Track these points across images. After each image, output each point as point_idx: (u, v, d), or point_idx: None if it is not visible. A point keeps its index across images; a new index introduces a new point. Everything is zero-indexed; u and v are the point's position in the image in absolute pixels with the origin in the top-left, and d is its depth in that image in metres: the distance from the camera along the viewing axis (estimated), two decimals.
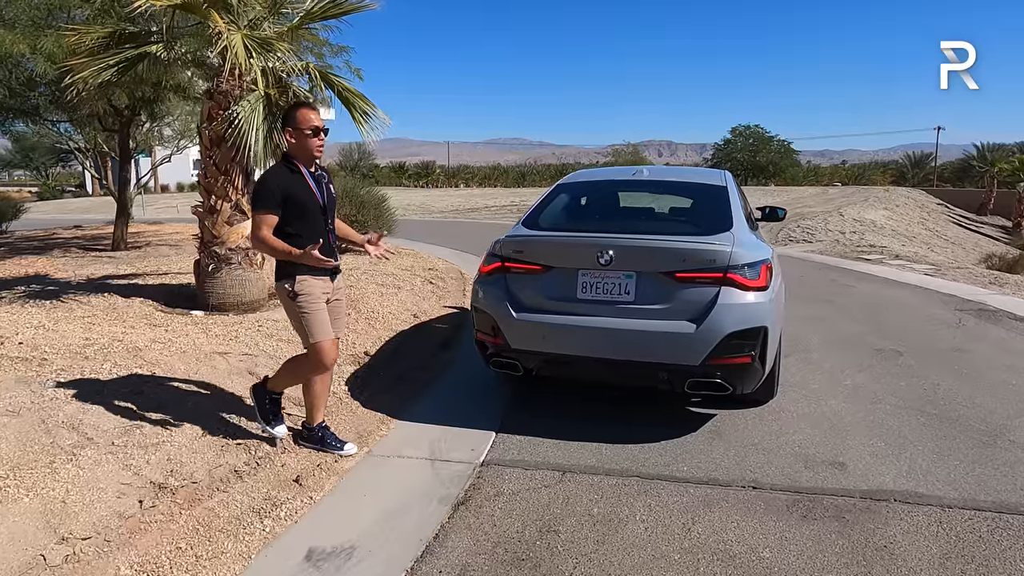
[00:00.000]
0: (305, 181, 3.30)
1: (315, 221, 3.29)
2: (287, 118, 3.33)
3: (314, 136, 3.27)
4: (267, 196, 3.21)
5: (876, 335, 6.02)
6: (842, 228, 15.64)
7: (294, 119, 3.28)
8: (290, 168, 3.30)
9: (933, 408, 4.20)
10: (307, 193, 3.29)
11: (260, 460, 3.36)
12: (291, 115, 3.31)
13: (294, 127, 3.26)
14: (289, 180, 3.26)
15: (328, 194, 3.41)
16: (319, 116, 3.37)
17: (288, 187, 3.23)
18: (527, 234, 3.98)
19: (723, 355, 3.48)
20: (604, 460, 3.49)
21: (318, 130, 3.28)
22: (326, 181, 3.42)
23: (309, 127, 3.25)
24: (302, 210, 3.26)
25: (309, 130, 3.25)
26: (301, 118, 3.26)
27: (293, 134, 3.27)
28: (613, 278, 3.66)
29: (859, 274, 9.56)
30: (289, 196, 3.21)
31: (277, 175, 3.28)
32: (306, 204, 3.27)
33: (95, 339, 4.87)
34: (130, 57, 5.55)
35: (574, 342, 3.67)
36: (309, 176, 3.32)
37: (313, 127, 3.26)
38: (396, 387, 4.58)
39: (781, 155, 54.80)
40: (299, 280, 3.23)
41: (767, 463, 3.45)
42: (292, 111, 3.33)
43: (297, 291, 3.23)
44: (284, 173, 3.28)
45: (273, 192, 3.20)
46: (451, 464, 3.47)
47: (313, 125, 3.26)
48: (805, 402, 4.31)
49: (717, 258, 3.52)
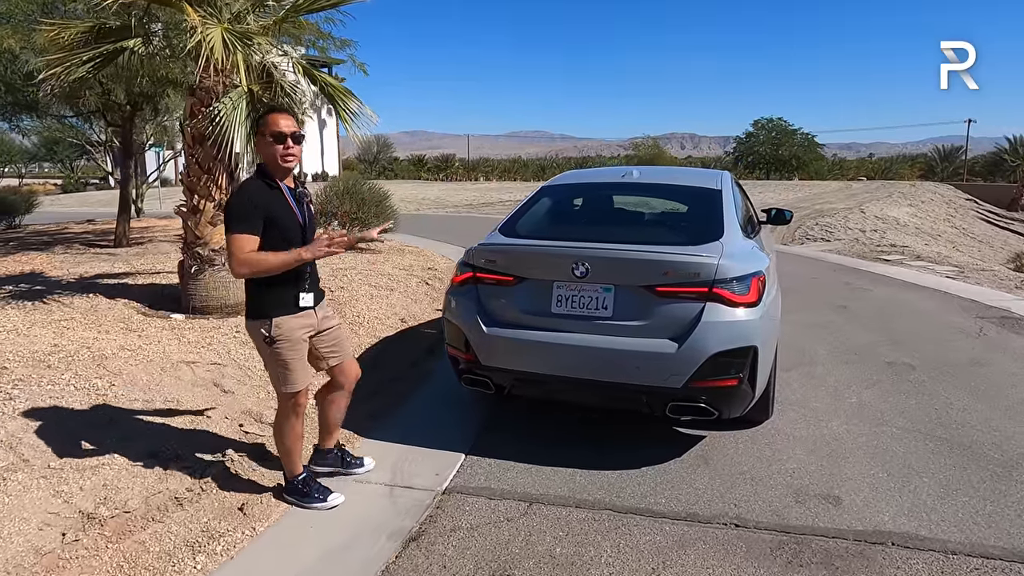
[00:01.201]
0: (285, 199, 2.89)
1: (295, 246, 2.83)
2: (256, 123, 2.97)
3: (277, 143, 2.83)
4: (248, 215, 2.75)
5: (888, 345, 5.66)
6: (863, 226, 15.11)
7: (261, 124, 2.88)
8: (268, 183, 2.88)
9: (944, 432, 3.87)
10: (287, 213, 2.88)
11: (205, 487, 3.14)
12: (261, 120, 2.92)
13: (259, 133, 2.88)
14: (268, 198, 2.84)
15: (309, 214, 3.02)
16: (291, 121, 2.92)
17: (267, 206, 2.81)
18: (500, 242, 3.71)
19: (708, 377, 3.19)
20: (576, 489, 3.23)
21: (282, 136, 2.83)
22: (307, 200, 3.03)
23: (271, 132, 2.82)
24: (282, 233, 2.84)
25: (271, 136, 2.82)
26: (266, 123, 2.85)
27: (258, 141, 2.88)
28: (590, 291, 3.38)
29: (876, 276, 9.14)
30: (268, 217, 2.79)
31: (256, 191, 2.84)
32: (287, 226, 2.86)
33: (64, 345, 4.71)
34: (105, 52, 5.36)
35: (547, 360, 3.41)
36: (289, 193, 2.92)
37: (275, 132, 2.82)
38: (368, 401, 4.34)
39: (804, 148, 53.73)
40: (276, 323, 2.85)
41: (754, 495, 3.16)
42: (263, 115, 2.94)
43: (275, 336, 2.84)
44: (262, 189, 2.86)
45: (251, 210, 2.76)
46: (411, 491, 3.23)
47: (276, 130, 2.82)
48: (804, 423, 4.00)
49: (702, 271, 3.22)
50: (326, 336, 3.12)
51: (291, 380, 2.94)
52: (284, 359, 2.91)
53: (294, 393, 2.97)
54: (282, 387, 2.97)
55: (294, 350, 2.92)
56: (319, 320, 3.05)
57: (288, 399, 2.99)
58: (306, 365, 3.01)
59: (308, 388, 3.04)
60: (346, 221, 10.24)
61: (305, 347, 3.00)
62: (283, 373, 2.94)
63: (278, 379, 2.97)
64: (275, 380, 2.99)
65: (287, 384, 2.95)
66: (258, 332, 2.90)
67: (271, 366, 2.97)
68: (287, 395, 2.98)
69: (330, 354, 3.14)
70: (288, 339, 2.90)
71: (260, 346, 2.95)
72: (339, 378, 3.21)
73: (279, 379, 2.96)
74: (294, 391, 2.96)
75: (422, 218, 19.64)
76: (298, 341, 2.93)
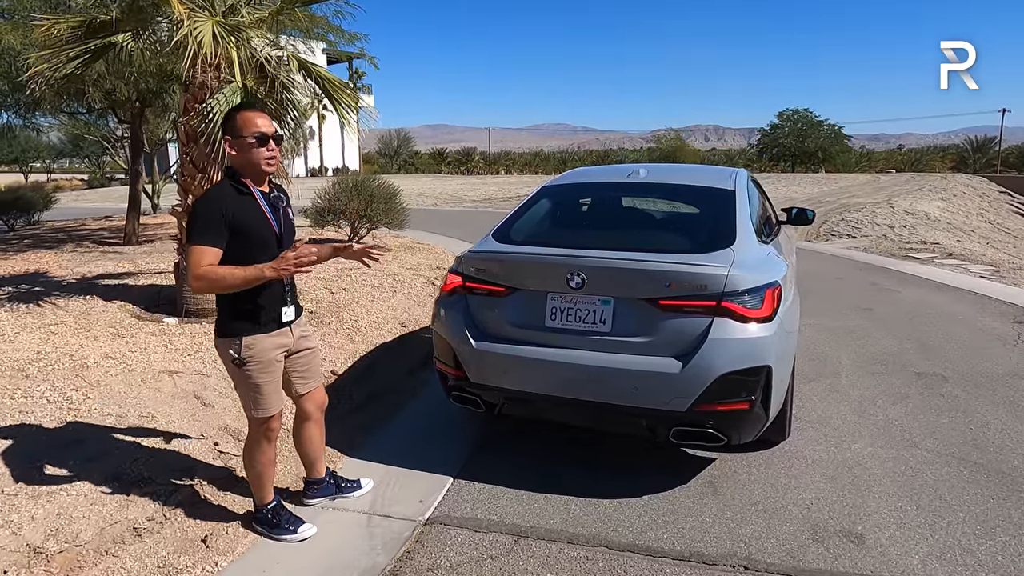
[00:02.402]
0: (257, 205, 2.62)
1: (268, 258, 2.55)
2: (226, 124, 2.64)
3: (261, 145, 2.57)
4: (209, 224, 2.49)
5: (918, 354, 5.28)
6: (891, 222, 14.54)
7: (234, 125, 2.58)
8: (238, 188, 2.61)
9: (980, 456, 3.52)
10: (260, 221, 2.61)
11: (168, 515, 2.91)
12: (231, 120, 2.61)
13: (234, 135, 2.58)
14: (237, 204, 2.56)
15: (286, 221, 2.74)
16: (268, 119, 2.65)
17: (236, 213, 2.53)
18: (491, 249, 3.43)
19: (715, 400, 2.89)
20: (570, 521, 2.95)
21: (266, 137, 2.57)
22: (284, 205, 2.74)
23: (253, 134, 2.55)
24: (253, 243, 2.58)
25: (253, 138, 2.55)
26: (242, 123, 2.57)
27: (234, 144, 2.59)
28: (587, 304, 3.09)
29: (905, 276, 8.69)
30: (237, 225, 2.53)
31: (221, 197, 2.57)
32: (260, 235, 2.60)
33: (47, 353, 4.54)
34: (93, 48, 5.17)
35: (539, 378, 3.13)
36: (262, 198, 2.65)
37: (258, 134, 2.56)
38: (357, 415, 4.11)
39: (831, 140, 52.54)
40: (247, 343, 2.60)
41: (767, 531, 2.85)
42: (232, 114, 2.63)
43: (244, 357, 2.60)
44: (230, 194, 2.59)
45: (215, 219, 2.49)
46: (391, 521, 2.97)
47: (258, 131, 2.56)
48: (824, 444, 3.67)
49: (710, 283, 2.91)
50: (300, 359, 2.87)
51: (263, 404, 2.70)
52: (255, 382, 2.67)
53: (266, 418, 2.73)
54: (253, 411, 2.73)
55: (266, 372, 2.68)
56: (295, 339, 2.80)
57: (260, 424, 2.75)
58: (279, 388, 2.77)
59: (281, 412, 2.80)
60: (354, 219, 10.03)
61: (279, 368, 2.75)
62: (254, 397, 2.69)
63: (248, 403, 2.72)
64: (245, 404, 2.74)
65: (258, 408, 2.71)
66: (227, 353, 2.66)
67: (241, 389, 2.73)
68: (258, 420, 2.74)
69: (299, 380, 2.90)
70: (259, 360, 2.65)
71: (229, 367, 2.71)
72: (306, 406, 2.96)
73: (250, 403, 2.72)
74: (266, 416, 2.72)
75: (438, 213, 19.43)
76: (271, 363, 2.69)
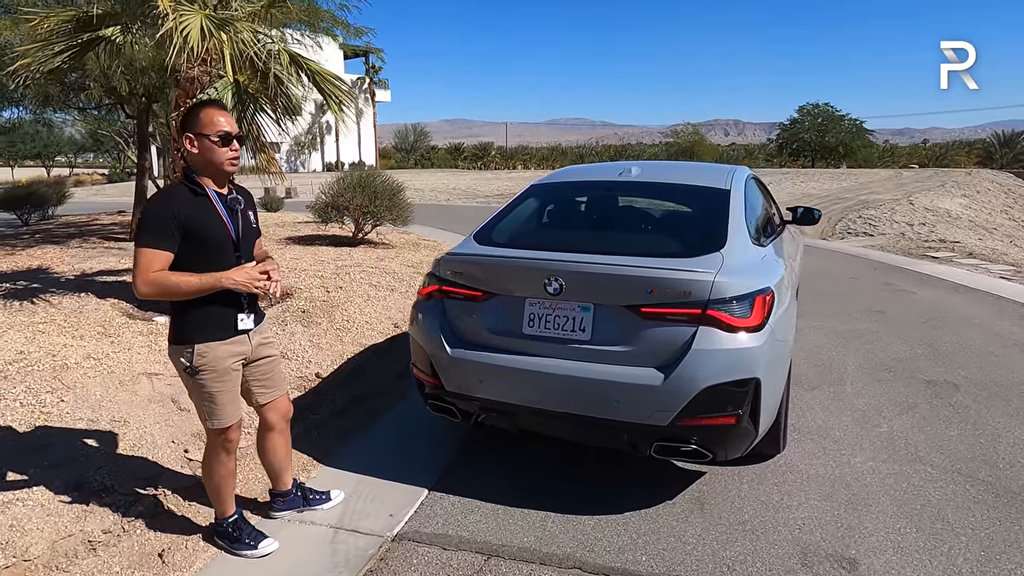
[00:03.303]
0: (213, 208, 2.50)
1: (224, 262, 2.50)
2: (186, 120, 2.49)
3: (224, 145, 2.47)
4: (159, 227, 2.36)
5: (930, 360, 5.05)
6: (910, 219, 14.16)
7: (195, 122, 2.46)
8: (192, 189, 2.49)
9: (988, 473, 3.31)
10: (215, 224, 2.49)
11: (127, 527, 2.81)
12: (192, 117, 2.48)
13: (195, 132, 2.45)
14: (191, 206, 2.45)
15: (245, 224, 2.61)
16: (231, 118, 2.53)
17: (189, 216, 2.42)
18: (468, 252, 3.28)
19: (699, 414, 2.72)
20: (544, 539, 2.79)
21: (229, 137, 2.47)
22: (242, 207, 2.61)
23: (216, 132, 2.45)
24: (208, 247, 2.46)
25: (216, 137, 2.45)
26: (205, 121, 2.45)
27: (194, 141, 2.46)
28: (566, 310, 2.93)
29: (921, 277, 8.40)
30: (190, 228, 2.41)
31: (174, 198, 2.45)
32: (215, 239, 2.48)
33: (30, 353, 4.47)
34: (81, 42, 5.09)
35: (515, 389, 2.97)
36: (219, 200, 2.53)
37: (222, 133, 2.46)
38: (337, 420, 3.99)
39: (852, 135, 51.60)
40: (199, 351, 2.49)
41: (753, 554, 2.68)
42: (193, 111, 2.50)
43: (197, 365, 2.49)
44: (184, 196, 2.47)
45: (166, 222, 2.37)
46: (357, 537, 2.84)
47: (221, 130, 2.46)
48: (822, 458, 3.48)
49: (694, 289, 2.73)
50: (260, 367, 2.74)
51: (218, 415, 2.58)
52: (209, 391, 2.55)
53: (223, 429, 2.61)
54: (208, 422, 2.61)
55: (221, 381, 2.55)
56: (253, 347, 2.67)
57: (217, 435, 2.63)
58: (236, 398, 2.64)
59: (241, 422, 2.68)
60: (358, 215, 9.93)
61: (235, 377, 2.62)
62: (209, 407, 2.57)
63: (203, 413, 2.60)
64: (201, 414, 2.62)
65: (214, 419, 2.59)
66: (178, 360, 2.54)
67: (195, 398, 2.61)
68: (215, 431, 2.62)
69: (260, 390, 2.77)
70: (213, 369, 2.53)
71: (182, 376, 2.59)
72: (268, 416, 2.83)
73: (204, 413, 2.60)
74: (222, 427, 2.60)
75: (449, 209, 19.33)
76: (226, 371, 2.56)
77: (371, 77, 58.08)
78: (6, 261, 8.79)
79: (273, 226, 12.95)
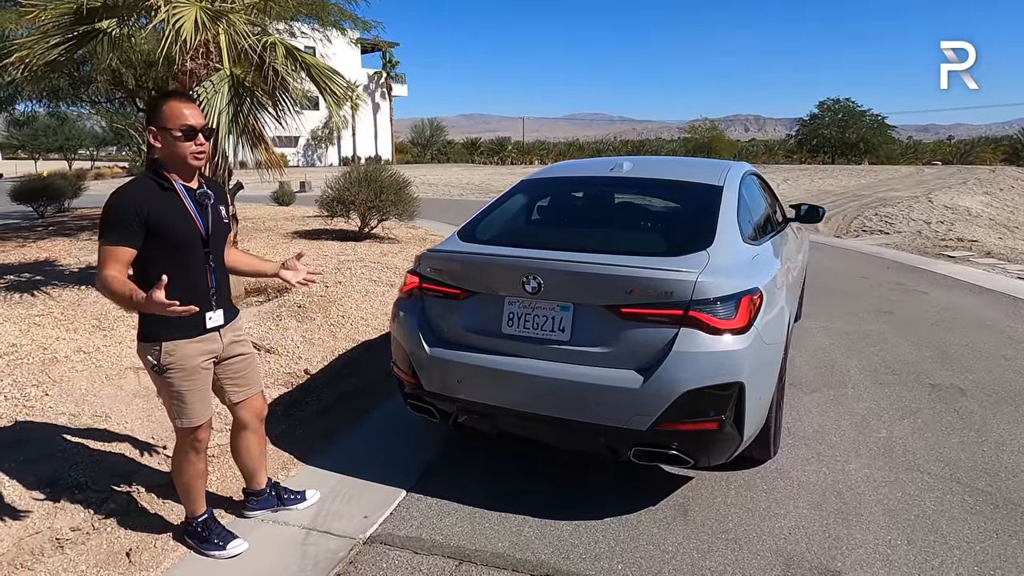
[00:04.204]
0: (180, 202, 2.43)
1: (192, 259, 2.45)
2: (151, 113, 2.44)
3: (188, 139, 2.38)
4: (120, 222, 2.30)
5: (937, 363, 4.90)
6: (928, 217, 13.85)
7: (159, 115, 2.37)
8: (160, 183, 2.42)
9: (989, 483, 3.18)
10: (182, 220, 2.42)
11: (98, 524, 2.78)
12: (156, 109, 2.39)
13: (159, 125, 2.36)
14: (157, 201, 2.37)
15: (216, 219, 2.54)
16: (196, 109, 2.43)
17: (154, 211, 2.34)
18: (448, 249, 3.20)
19: (680, 419, 2.63)
20: (520, 545, 2.72)
21: (193, 131, 2.38)
22: (212, 201, 2.52)
23: (179, 126, 2.36)
24: (175, 243, 2.40)
25: (179, 131, 2.36)
26: (168, 114, 2.36)
27: (158, 135, 2.38)
28: (545, 310, 2.84)
29: (935, 276, 8.19)
30: (154, 224, 2.34)
31: (138, 192, 2.37)
32: (182, 235, 2.41)
33: (22, 346, 4.49)
34: (77, 34, 5.08)
35: (493, 389, 2.89)
36: (187, 195, 2.45)
37: (184, 126, 2.36)
38: (323, 418, 3.94)
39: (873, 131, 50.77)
40: (167, 349, 2.42)
41: (733, 564, 2.58)
42: (158, 104, 2.41)
43: (165, 364, 2.43)
44: (150, 190, 2.39)
45: (128, 217, 2.30)
46: (328, 539, 2.78)
47: (185, 123, 2.36)
48: (815, 464, 3.37)
49: (675, 290, 2.63)
50: (232, 365, 2.68)
51: (187, 414, 2.53)
52: (177, 390, 2.49)
53: (192, 428, 2.56)
54: (176, 421, 2.55)
55: (189, 380, 2.49)
56: (224, 345, 2.61)
57: (186, 434, 2.58)
58: (206, 396, 2.58)
59: (211, 421, 2.63)
60: (364, 210, 9.90)
61: (205, 375, 2.56)
62: (177, 406, 2.52)
63: (172, 412, 2.55)
64: (169, 412, 2.57)
65: (182, 418, 2.53)
66: (146, 360, 2.49)
67: (163, 397, 2.56)
68: (184, 430, 2.57)
69: (232, 388, 2.71)
70: (181, 367, 2.47)
71: (150, 374, 2.55)
72: (242, 415, 2.78)
73: (173, 412, 2.54)
74: (191, 427, 2.55)
75: (461, 203, 19.30)
76: (195, 370, 2.50)
77: (388, 72, 58.20)
78: (16, 253, 8.89)
79: (282, 220, 12.99)
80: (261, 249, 8.97)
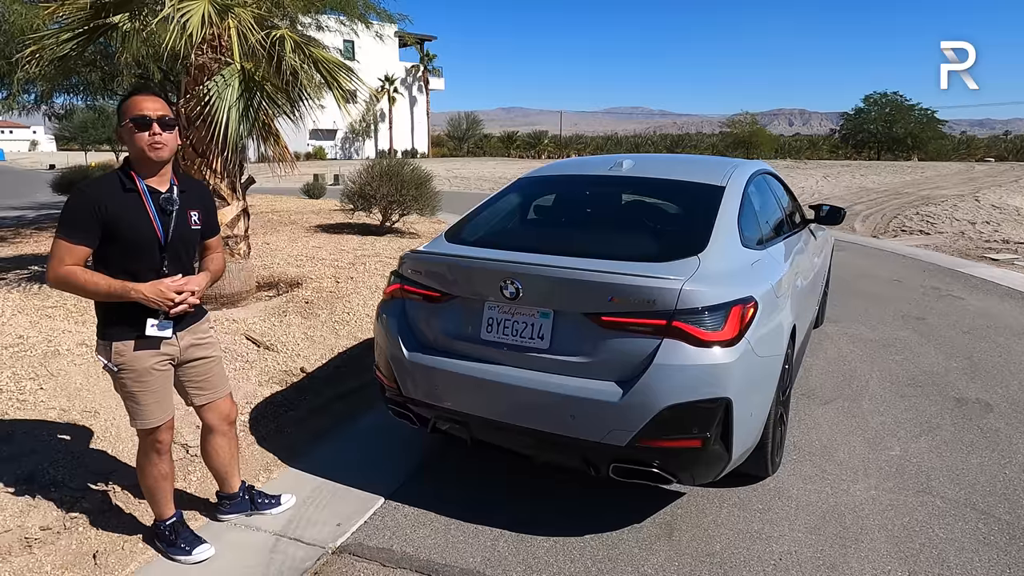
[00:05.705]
0: (141, 204, 2.35)
1: (146, 265, 2.37)
2: (117, 111, 2.41)
3: (140, 129, 2.29)
4: (77, 219, 2.26)
5: (964, 375, 4.61)
6: (973, 216, 13.23)
7: (120, 112, 2.34)
8: (123, 182, 2.36)
9: (1007, 511, 2.94)
10: (140, 223, 2.34)
11: (69, 523, 2.75)
12: (119, 107, 2.37)
13: (119, 123, 2.34)
14: (117, 201, 2.31)
15: (181, 225, 2.44)
16: (159, 103, 2.35)
17: (111, 210, 2.28)
18: (430, 251, 3.09)
19: (661, 435, 2.47)
20: (491, 561, 2.60)
21: (145, 121, 2.28)
22: (177, 207, 2.42)
23: (132, 116, 2.29)
24: (128, 246, 2.34)
25: (131, 121, 2.28)
26: (124, 109, 2.32)
27: (119, 130, 2.36)
28: (525, 316, 2.71)
29: (974, 281, 7.78)
30: (111, 224, 2.29)
31: (99, 190, 2.31)
32: (136, 239, 2.34)
33: (29, 337, 4.55)
34: (87, 29, 5.12)
35: (470, 397, 2.78)
36: (148, 195, 2.37)
37: (137, 116, 2.28)
38: (314, 418, 3.88)
39: (922, 126, 48.96)
40: (118, 349, 2.37)
41: None
42: (122, 101, 2.38)
43: (116, 364, 2.39)
44: (112, 189, 2.33)
45: (85, 215, 2.26)
46: (297, 547, 2.71)
47: (137, 113, 2.29)
48: (818, 483, 3.17)
49: (659, 298, 2.48)
50: (194, 368, 2.62)
51: (142, 416, 2.47)
52: (130, 391, 2.44)
53: (150, 430, 2.51)
54: (132, 422, 2.51)
55: (141, 382, 2.43)
56: (182, 348, 2.54)
57: (146, 435, 2.53)
58: (163, 398, 2.50)
59: (172, 422, 2.57)
60: (385, 204, 9.87)
61: (160, 377, 2.49)
62: (132, 407, 2.47)
63: (129, 412, 2.51)
64: (128, 412, 2.53)
65: (138, 420, 2.48)
66: (99, 358, 2.45)
67: (121, 397, 2.52)
68: (143, 432, 2.53)
69: (195, 392, 2.66)
70: (132, 369, 2.41)
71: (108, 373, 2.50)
72: (208, 418, 2.72)
73: (129, 413, 2.50)
74: (147, 428, 2.50)
75: None
76: (146, 372, 2.43)
77: (425, 65, 58.40)
78: (47, 244, 9.10)
79: (308, 213, 13.08)
80: (282, 243, 9.01)
